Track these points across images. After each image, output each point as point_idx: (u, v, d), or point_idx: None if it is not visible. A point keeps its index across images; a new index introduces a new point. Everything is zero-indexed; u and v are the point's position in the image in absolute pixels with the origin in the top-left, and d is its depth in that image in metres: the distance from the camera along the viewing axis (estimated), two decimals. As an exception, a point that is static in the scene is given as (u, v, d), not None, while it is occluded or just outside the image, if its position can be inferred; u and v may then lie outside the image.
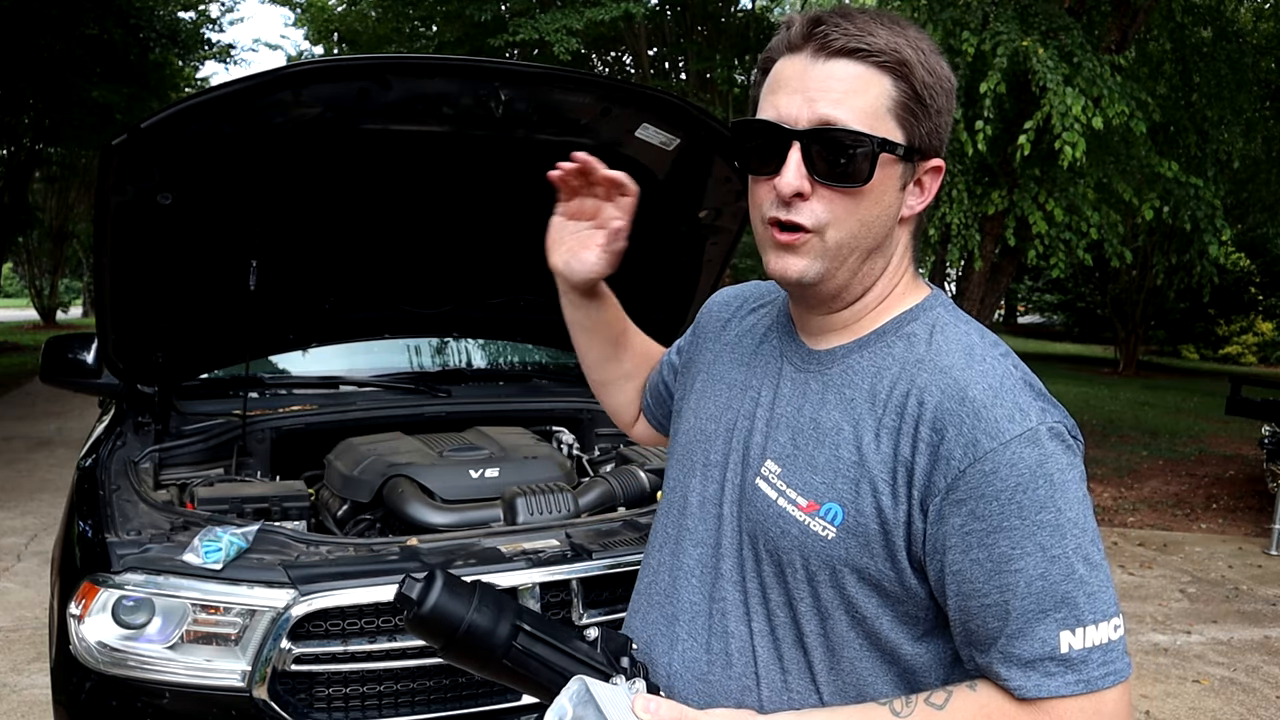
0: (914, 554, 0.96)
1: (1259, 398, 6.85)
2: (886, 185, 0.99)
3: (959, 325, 1.03)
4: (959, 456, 0.92)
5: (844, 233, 0.99)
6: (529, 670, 0.98)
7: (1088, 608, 0.91)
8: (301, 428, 2.91)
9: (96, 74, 12.75)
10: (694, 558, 1.10)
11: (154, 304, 2.63)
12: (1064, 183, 7.58)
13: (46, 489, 6.56)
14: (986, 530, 0.91)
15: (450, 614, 0.96)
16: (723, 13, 13.48)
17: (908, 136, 0.98)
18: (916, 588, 0.97)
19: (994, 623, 0.92)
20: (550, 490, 2.49)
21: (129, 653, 1.89)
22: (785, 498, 1.01)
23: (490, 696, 2.08)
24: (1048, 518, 0.90)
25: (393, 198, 2.79)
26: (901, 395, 0.97)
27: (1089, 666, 0.90)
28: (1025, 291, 27.14)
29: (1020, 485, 0.90)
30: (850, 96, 0.96)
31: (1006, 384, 0.95)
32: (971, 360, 0.97)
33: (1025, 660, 0.91)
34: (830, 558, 0.97)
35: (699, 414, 1.17)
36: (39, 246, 23.35)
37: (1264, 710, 3.81)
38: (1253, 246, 19.09)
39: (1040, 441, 0.92)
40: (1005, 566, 0.91)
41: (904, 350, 1.01)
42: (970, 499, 0.91)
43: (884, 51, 0.96)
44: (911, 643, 0.99)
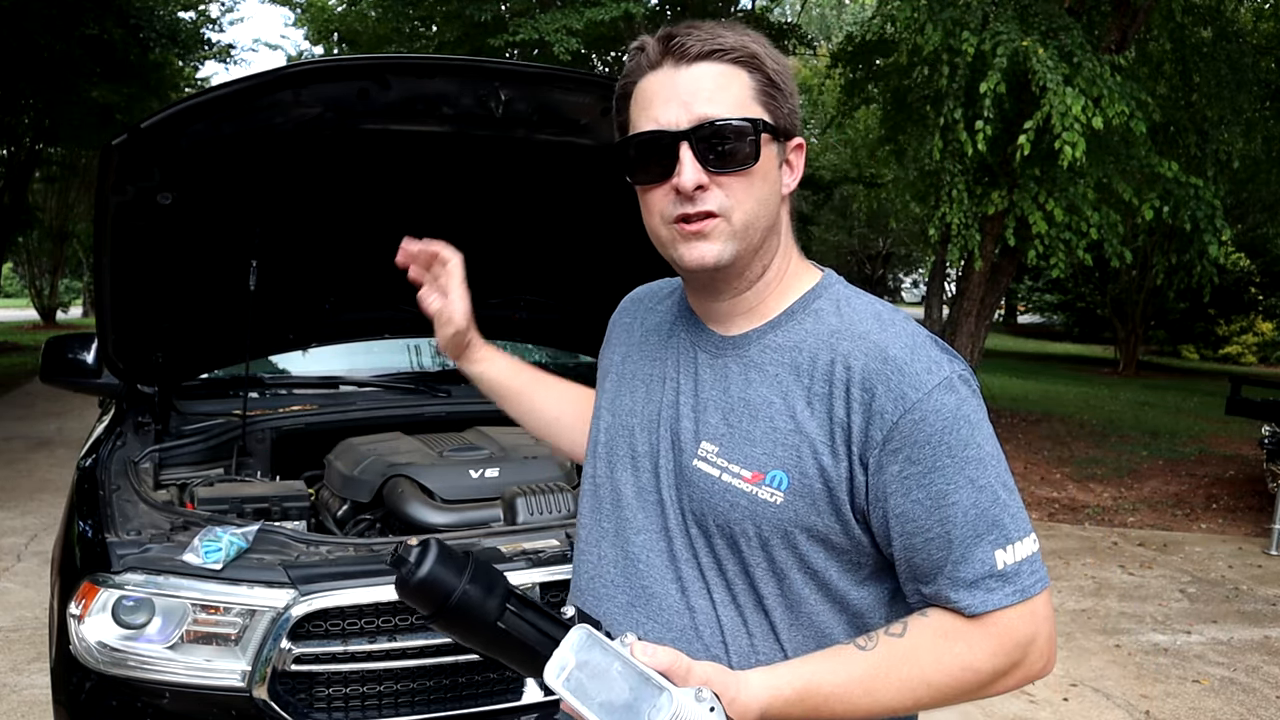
0: (857, 506, 1.05)
1: (1259, 398, 6.85)
2: (770, 164, 1.09)
3: (861, 298, 1.14)
4: (890, 410, 1.02)
5: (746, 213, 1.08)
6: (515, 640, 1.00)
7: (1013, 527, 1.03)
8: (301, 428, 2.91)
9: (96, 74, 12.74)
10: (640, 545, 1.15)
11: (154, 304, 2.63)
12: (1064, 183, 7.58)
13: (46, 489, 6.56)
14: (922, 472, 1.02)
15: (443, 583, 0.98)
16: (723, 13, 13.48)
17: (774, 118, 1.09)
18: (860, 536, 1.06)
19: (938, 553, 1.03)
20: (550, 490, 2.49)
21: (129, 653, 1.89)
22: (728, 473, 1.08)
23: (490, 696, 2.08)
24: (972, 453, 1.03)
25: (393, 198, 2.79)
26: (826, 364, 1.07)
27: (1021, 577, 1.03)
28: (1025, 291, 27.13)
29: (946, 428, 1.02)
30: (719, 91, 1.06)
31: (918, 341, 1.06)
32: (883, 325, 1.08)
33: (969, 581, 1.02)
34: (781, 521, 1.05)
35: (616, 410, 1.24)
36: (39, 246, 23.34)
37: (1264, 710, 3.81)
38: (1253, 246, 19.09)
39: (955, 388, 1.04)
40: (943, 501, 1.02)
41: (815, 324, 1.11)
42: (905, 446, 1.02)
43: (735, 49, 1.07)
44: (856, 587, 1.09)
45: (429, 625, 1.04)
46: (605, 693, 0.92)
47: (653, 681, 0.93)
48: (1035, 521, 6.77)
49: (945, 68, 7.26)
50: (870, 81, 11.50)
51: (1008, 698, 3.81)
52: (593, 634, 0.97)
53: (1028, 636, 1.04)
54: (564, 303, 3.39)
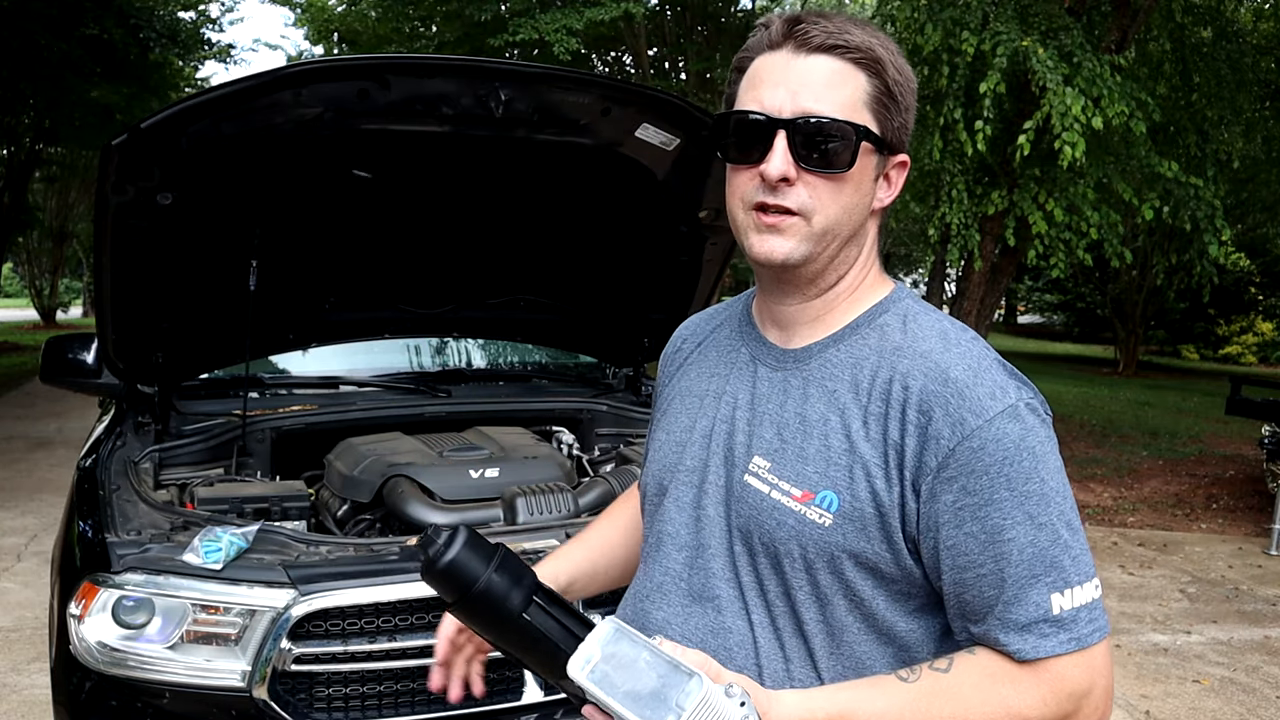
0: (908, 534, 1.00)
1: (1259, 398, 6.85)
2: (865, 174, 1.05)
3: (929, 314, 1.09)
4: (947, 435, 0.97)
5: (828, 218, 1.04)
6: (538, 635, 0.98)
7: (1073, 570, 0.97)
8: (301, 428, 2.91)
9: (96, 74, 12.73)
10: (679, 561, 1.12)
11: (154, 304, 2.63)
12: (1064, 183, 7.58)
13: (46, 489, 6.56)
14: (978, 504, 0.96)
15: (468, 570, 0.98)
16: (723, 13, 13.48)
17: (881, 129, 1.05)
18: (912, 567, 1.01)
19: (989, 591, 0.97)
20: (550, 490, 2.49)
21: (129, 653, 1.89)
22: (778, 490, 1.04)
23: (490, 696, 2.08)
24: (1034, 488, 0.97)
25: (392, 198, 2.79)
26: (885, 382, 1.02)
27: (1079, 625, 0.96)
28: (1025, 291, 27.13)
29: (1007, 459, 0.96)
30: (830, 90, 1.02)
31: (983, 364, 1.01)
32: (948, 344, 1.03)
33: (1021, 624, 0.96)
34: (828, 544, 1.01)
35: (670, 430, 1.20)
36: (39, 246, 23.34)
37: (1264, 710, 3.81)
38: (1253, 246, 19.08)
39: (1021, 416, 0.98)
40: (998, 537, 0.96)
41: (879, 340, 1.06)
42: (961, 475, 0.96)
43: (860, 49, 1.02)
44: (905, 618, 1.03)
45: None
46: (631, 683, 0.89)
47: (682, 668, 0.89)
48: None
49: (945, 68, 7.26)
50: (870, 81, 11.47)
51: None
52: (621, 627, 0.94)
53: (1083, 688, 0.97)
54: (564, 303, 3.39)
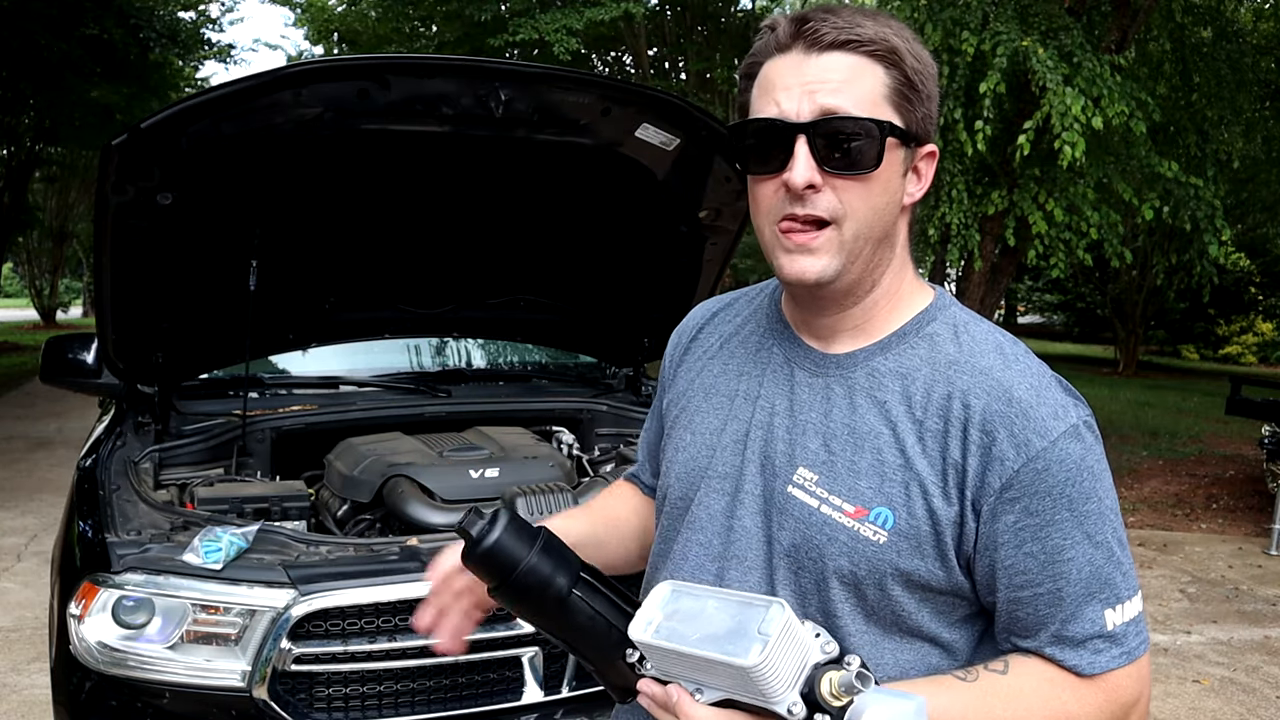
0: (963, 552, 0.98)
1: (1259, 398, 6.84)
2: (893, 171, 1.00)
3: (979, 324, 1.05)
4: (1012, 457, 0.94)
5: (859, 222, 0.99)
6: (586, 617, 0.95)
7: (1124, 586, 0.98)
8: (301, 428, 2.91)
9: (96, 74, 12.73)
10: (710, 573, 1.07)
11: (154, 304, 2.63)
12: (1064, 183, 7.58)
13: (46, 489, 6.56)
14: (1039, 525, 0.95)
15: (511, 554, 0.95)
16: (723, 13, 13.48)
17: (905, 121, 1.00)
18: (962, 582, 0.99)
19: (1045, 609, 0.97)
20: (550, 490, 2.49)
21: (129, 653, 1.89)
22: (829, 505, 1.00)
23: (490, 696, 2.08)
24: (1092, 507, 0.96)
25: (393, 198, 2.79)
26: (942, 398, 0.98)
27: (1129, 639, 0.97)
28: (1025, 291, 27.12)
29: (1069, 480, 0.95)
30: (848, 86, 0.97)
31: (1044, 382, 0.99)
32: (1007, 361, 1.00)
33: (1078, 640, 0.96)
34: (880, 561, 0.97)
35: (697, 431, 1.13)
36: (39, 246, 23.35)
37: (1264, 710, 3.81)
38: (1253, 246, 19.07)
39: (1082, 436, 0.97)
40: (1058, 557, 0.95)
41: (929, 351, 1.02)
42: (1024, 496, 0.95)
43: (874, 41, 0.97)
44: (948, 629, 1.02)
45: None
46: (704, 628, 0.85)
47: (757, 601, 0.86)
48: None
49: (945, 68, 7.25)
50: (870, 81, 11.47)
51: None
52: (679, 585, 0.91)
53: (1133, 698, 0.99)
54: (564, 303, 3.39)
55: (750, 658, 0.81)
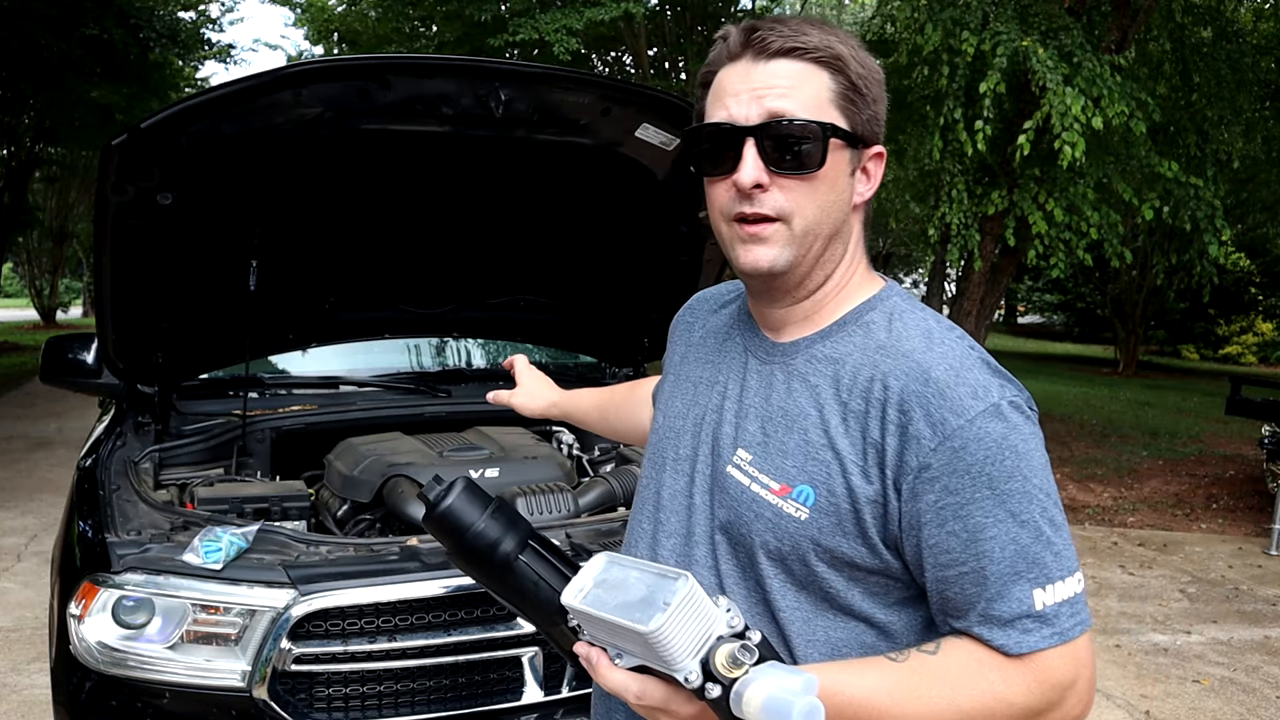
0: (889, 532, 1.01)
1: (1259, 398, 6.84)
2: (839, 171, 1.06)
3: (915, 312, 1.09)
4: (928, 436, 0.98)
5: (807, 219, 1.05)
6: (528, 586, 1.01)
7: (1055, 566, 0.98)
8: (301, 428, 2.91)
9: (96, 74, 12.73)
10: (668, 548, 1.14)
11: (154, 304, 2.63)
12: (1064, 183, 7.58)
13: (46, 489, 6.56)
14: (960, 503, 0.97)
15: (463, 517, 1.02)
16: (723, 13, 13.48)
17: (850, 124, 1.05)
18: (891, 561, 1.02)
19: (971, 589, 0.98)
20: (550, 490, 2.49)
21: (129, 653, 1.89)
22: (758, 483, 1.06)
23: (490, 696, 2.08)
24: (1016, 486, 0.97)
25: (393, 198, 2.79)
26: (866, 381, 1.03)
27: (1061, 620, 0.98)
28: (1025, 291, 27.11)
29: (989, 458, 0.97)
30: (794, 90, 1.03)
31: (966, 363, 1.01)
32: (931, 344, 1.03)
33: (1005, 620, 0.98)
34: (802, 538, 1.02)
35: (668, 413, 1.23)
36: (39, 246, 23.34)
37: (1264, 710, 3.81)
38: (1253, 246, 19.07)
39: (1004, 414, 0.98)
40: (980, 535, 0.97)
41: (863, 338, 1.07)
42: (943, 475, 0.97)
43: (819, 48, 1.03)
44: (884, 610, 1.05)
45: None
46: (623, 596, 0.91)
47: (669, 573, 0.91)
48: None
49: (945, 68, 7.25)
50: (870, 81, 11.48)
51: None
52: (614, 557, 0.96)
53: (1067, 680, 0.99)
54: (564, 303, 3.39)
55: (650, 624, 0.86)
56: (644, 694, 0.94)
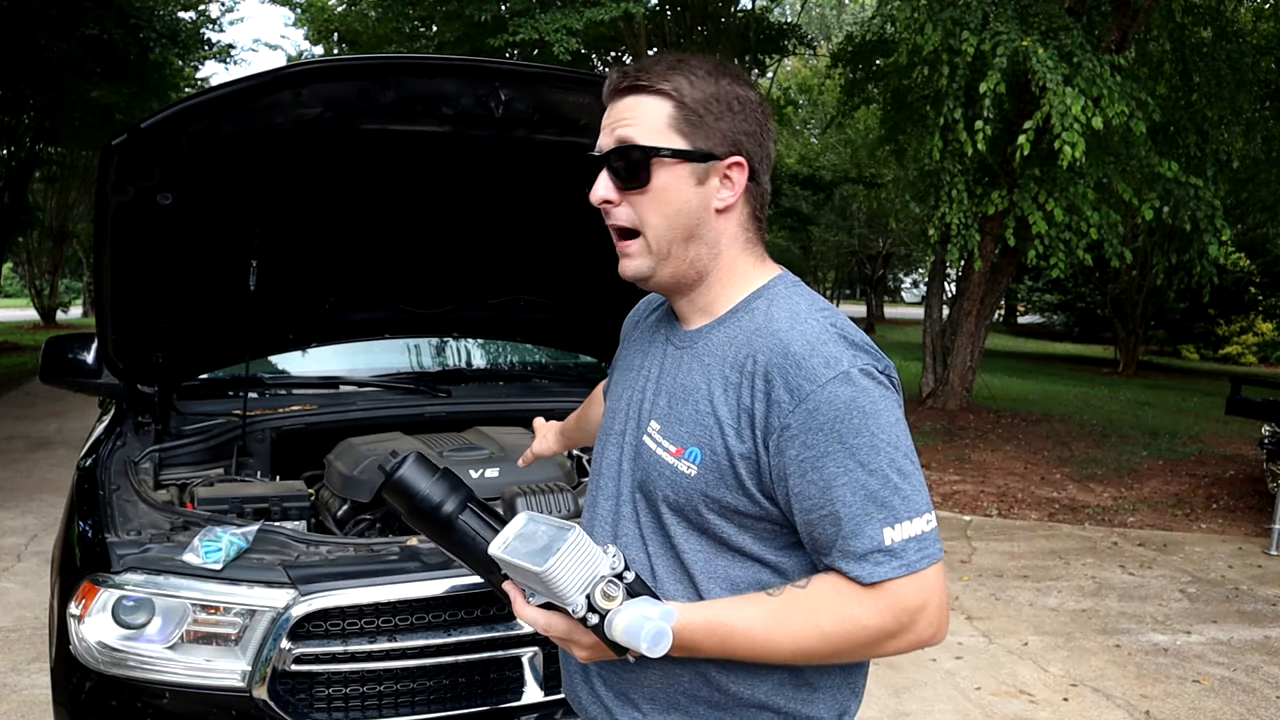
0: (764, 483, 1.18)
1: (1259, 398, 6.84)
2: (677, 183, 1.23)
3: (791, 296, 1.26)
4: (787, 400, 1.15)
5: (656, 228, 1.24)
6: (467, 540, 1.21)
7: (903, 508, 1.14)
8: (301, 428, 2.91)
9: (96, 74, 12.73)
10: (605, 509, 1.34)
11: (154, 304, 2.63)
12: (1064, 183, 7.59)
13: (46, 489, 6.56)
14: (815, 457, 1.14)
15: (412, 485, 1.21)
16: (723, 13, 13.48)
17: (690, 142, 1.22)
18: (770, 509, 1.20)
19: (830, 529, 1.15)
20: (550, 490, 2.50)
21: (129, 653, 1.89)
22: (662, 448, 1.25)
23: (490, 696, 2.08)
24: (863, 441, 1.13)
25: (393, 198, 2.79)
26: (743, 358, 1.21)
27: (908, 553, 1.14)
28: (1025, 291, 27.12)
29: (838, 417, 1.13)
30: (636, 120, 1.23)
31: (822, 338, 1.18)
32: (795, 323, 1.20)
33: (859, 554, 1.14)
34: (693, 491, 1.21)
35: (613, 397, 1.44)
36: (39, 246, 23.34)
37: (1264, 710, 3.81)
38: (1253, 246, 19.08)
39: (852, 380, 1.15)
40: (833, 484, 1.14)
41: (749, 322, 1.25)
42: (801, 433, 1.14)
43: (653, 82, 1.22)
44: (774, 553, 1.22)
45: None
46: (531, 546, 1.11)
47: (565, 526, 1.11)
48: (1035, 521, 6.77)
49: (945, 68, 7.26)
50: (870, 81, 11.51)
51: (1006, 698, 3.81)
52: (533, 516, 1.16)
53: (917, 604, 1.15)
54: (564, 303, 3.39)
55: (543, 566, 1.07)
56: (550, 626, 1.18)
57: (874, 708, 3.65)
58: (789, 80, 21.80)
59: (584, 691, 1.33)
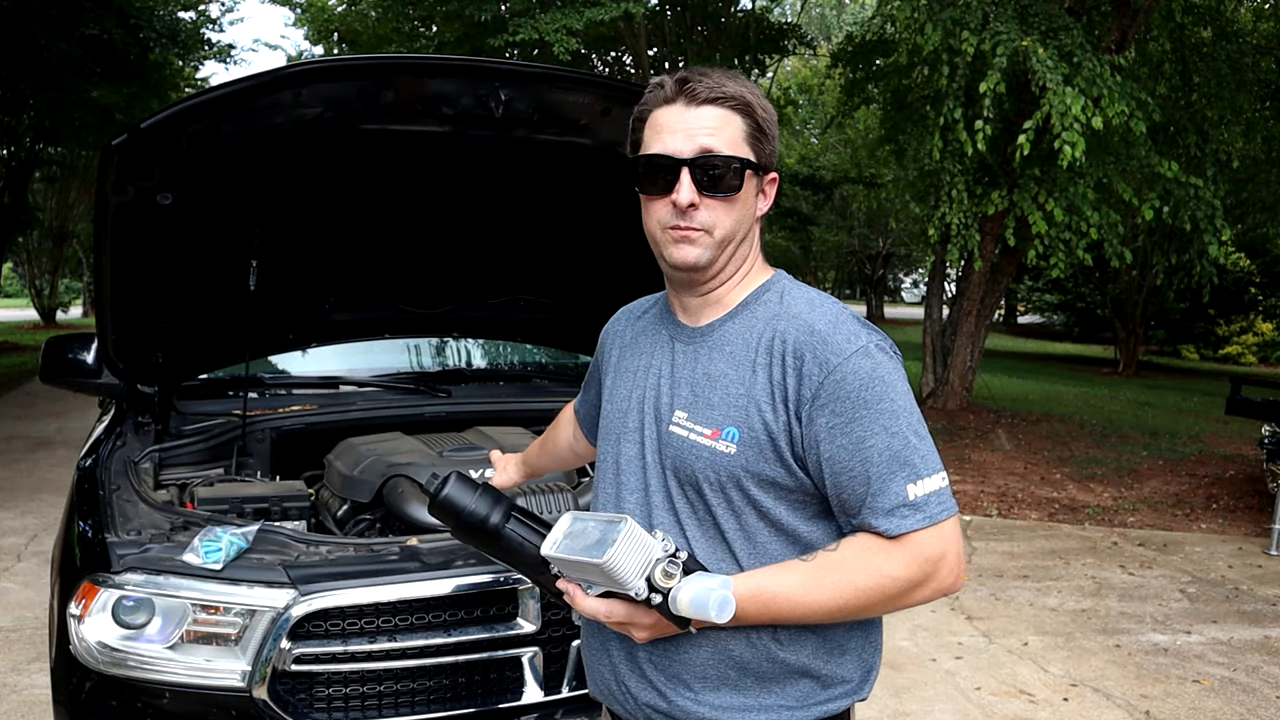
0: (797, 453, 1.30)
1: (1259, 398, 6.84)
2: (748, 193, 1.38)
3: (800, 289, 1.41)
4: (816, 373, 1.28)
5: (725, 230, 1.36)
6: (515, 546, 1.30)
7: (922, 466, 1.27)
8: (301, 428, 2.91)
9: (96, 74, 12.73)
10: (632, 503, 1.41)
11: (154, 304, 2.63)
12: (1064, 183, 7.59)
13: (46, 489, 6.56)
14: (844, 422, 1.27)
15: (458, 502, 1.30)
16: (723, 13, 13.48)
17: (757, 156, 1.37)
18: (804, 478, 1.31)
19: (860, 489, 1.27)
20: (550, 490, 2.49)
21: (129, 653, 1.89)
22: (694, 433, 1.34)
23: (490, 696, 2.08)
24: (885, 406, 1.27)
25: (393, 198, 2.79)
26: (768, 339, 1.34)
27: (930, 506, 1.26)
28: (1025, 291, 27.11)
29: (863, 385, 1.27)
30: (719, 131, 1.33)
31: (841, 318, 1.33)
32: (813, 307, 1.36)
33: (886, 510, 1.26)
34: (734, 467, 1.31)
35: (613, 400, 1.52)
36: (39, 246, 23.35)
37: (1264, 710, 3.81)
38: (1253, 246, 19.08)
39: (871, 354, 1.29)
40: (862, 445, 1.26)
41: (764, 311, 1.38)
42: (830, 402, 1.27)
43: (735, 97, 1.34)
44: (805, 523, 1.34)
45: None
46: (584, 542, 1.20)
47: (615, 519, 1.20)
48: (1035, 521, 6.78)
49: (945, 68, 7.26)
50: (870, 81, 11.51)
51: (1006, 698, 3.81)
52: (578, 515, 1.25)
53: (938, 553, 1.27)
54: (564, 303, 3.39)
55: (605, 557, 1.16)
56: (612, 613, 1.28)
57: (874, 708, 3.65)
58: (789, 80, 21.79)
59: (632, 679, 1.39)
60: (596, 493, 1.51)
